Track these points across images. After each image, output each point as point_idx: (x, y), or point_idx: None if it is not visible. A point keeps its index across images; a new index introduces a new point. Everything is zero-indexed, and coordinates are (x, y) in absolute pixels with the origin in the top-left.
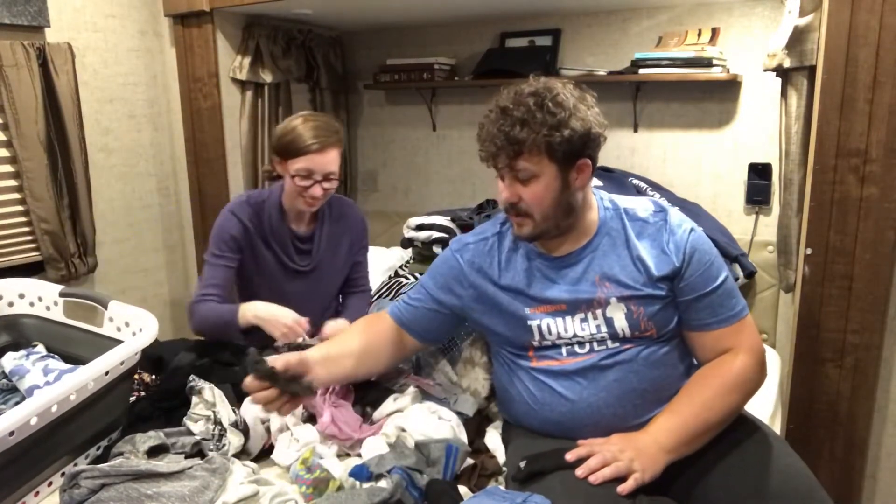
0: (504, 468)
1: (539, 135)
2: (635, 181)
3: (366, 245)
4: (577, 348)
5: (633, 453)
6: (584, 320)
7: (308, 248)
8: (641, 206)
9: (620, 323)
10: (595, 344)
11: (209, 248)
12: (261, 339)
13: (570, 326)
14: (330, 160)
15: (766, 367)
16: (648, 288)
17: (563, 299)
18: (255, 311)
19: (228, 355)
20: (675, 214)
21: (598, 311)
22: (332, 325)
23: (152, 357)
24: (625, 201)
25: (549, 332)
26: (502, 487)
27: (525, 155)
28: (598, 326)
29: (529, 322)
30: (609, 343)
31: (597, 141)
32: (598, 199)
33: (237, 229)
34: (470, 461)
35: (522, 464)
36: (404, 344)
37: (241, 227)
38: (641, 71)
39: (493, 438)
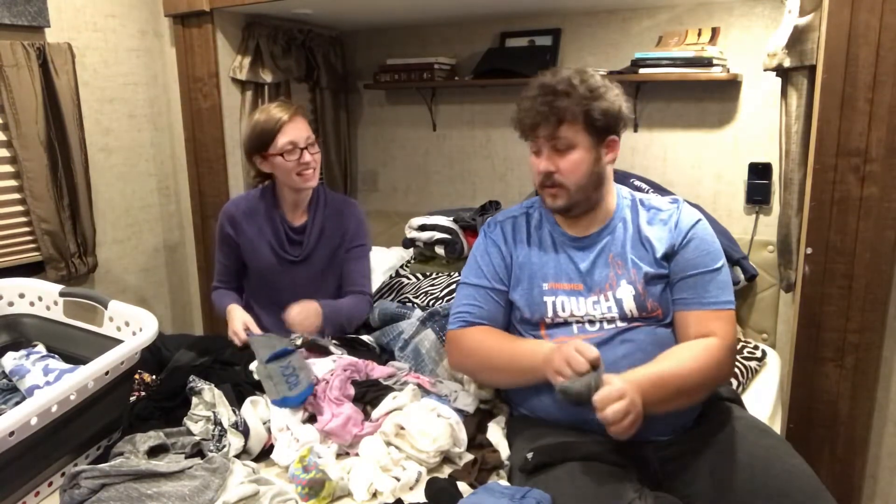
0: (507, 462)
1: (580, 105)
2: (636, 182)
3: (364, 244)
4: (587, 326)
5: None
6: (597, 302)
7: (300, 239)
8: (659, 199)
9: (629, 304)
10: (605, 323)
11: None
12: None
13: (584, 306)
14: (303, 126)
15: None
16: (654, 267)
17: (581, 278)
18: (228, 314)
19: (229, 354)
20: (688, 207)
21: (609, 293)
22: (296, 309)
23: (152, 349)
24: (643, 195)
25: (563, 310)
26: (503, 482)
27: (566, 124)
28: (609, 307)
29: (545, 297)
30: (618, 322)
31: (625, 121)
32: (616, 188)
33: (227, 226)
34: (470, 456)
35: (530, 455)
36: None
37: (231, 221)
38: (641, 71)
39: (495, 433)
